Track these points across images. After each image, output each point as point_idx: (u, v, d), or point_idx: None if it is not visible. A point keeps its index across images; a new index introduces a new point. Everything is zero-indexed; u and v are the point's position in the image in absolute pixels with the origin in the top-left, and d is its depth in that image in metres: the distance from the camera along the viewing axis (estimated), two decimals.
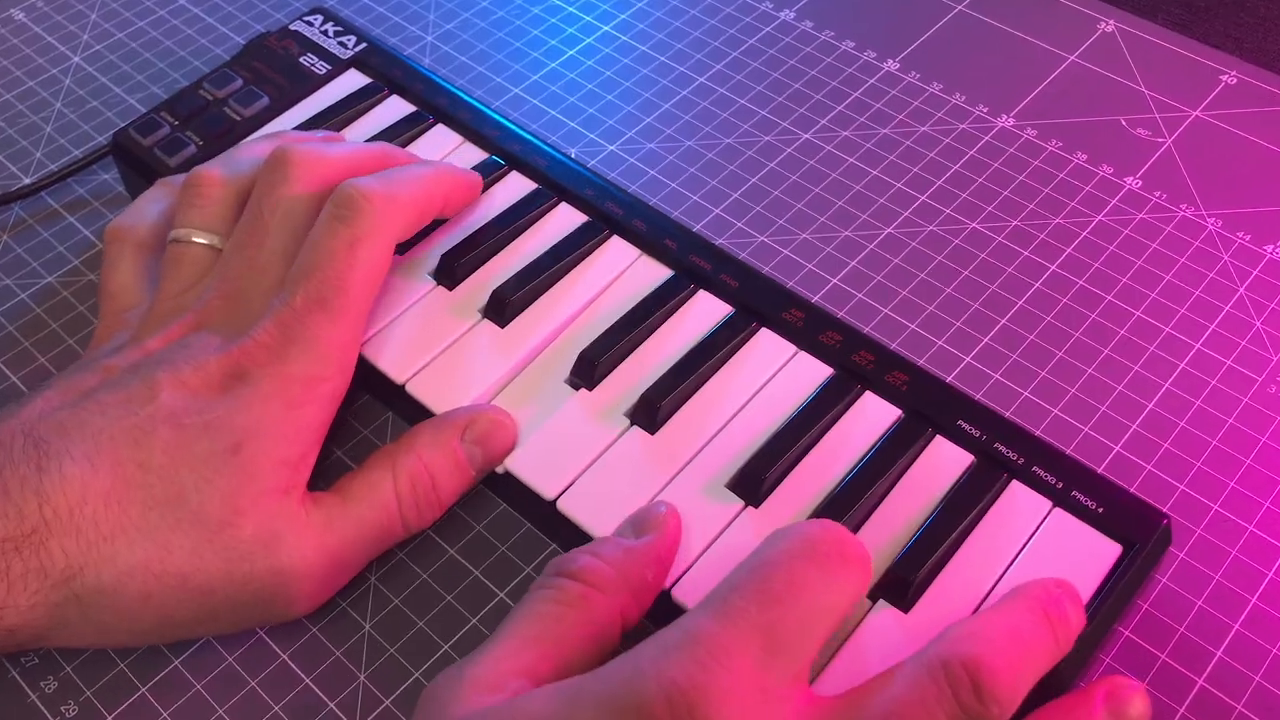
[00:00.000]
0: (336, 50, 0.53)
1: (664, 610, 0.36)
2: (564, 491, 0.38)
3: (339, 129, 0.50)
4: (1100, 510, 0.36)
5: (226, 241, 0.42)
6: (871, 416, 0.39)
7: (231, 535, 0.35)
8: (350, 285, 0.38)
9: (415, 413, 0.42)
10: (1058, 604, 0.33)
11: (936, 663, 0.30)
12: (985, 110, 0.53)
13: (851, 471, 0.38)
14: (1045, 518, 0.37)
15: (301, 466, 0.37)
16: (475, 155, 0.48)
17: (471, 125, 0.49)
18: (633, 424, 0.40)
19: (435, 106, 0.50)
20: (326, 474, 0.41)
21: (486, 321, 0.43)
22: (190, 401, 0.36)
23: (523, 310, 0.43)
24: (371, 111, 0.50)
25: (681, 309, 0.43)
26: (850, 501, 0.37)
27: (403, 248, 0.45)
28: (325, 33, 0.54)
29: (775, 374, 0.41)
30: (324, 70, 0.52)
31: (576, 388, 0.41)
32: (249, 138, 0.48)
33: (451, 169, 0.44)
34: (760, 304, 0.42)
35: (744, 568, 0.31)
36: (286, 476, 0.36)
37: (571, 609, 0.33)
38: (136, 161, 0.50)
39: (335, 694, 0.37)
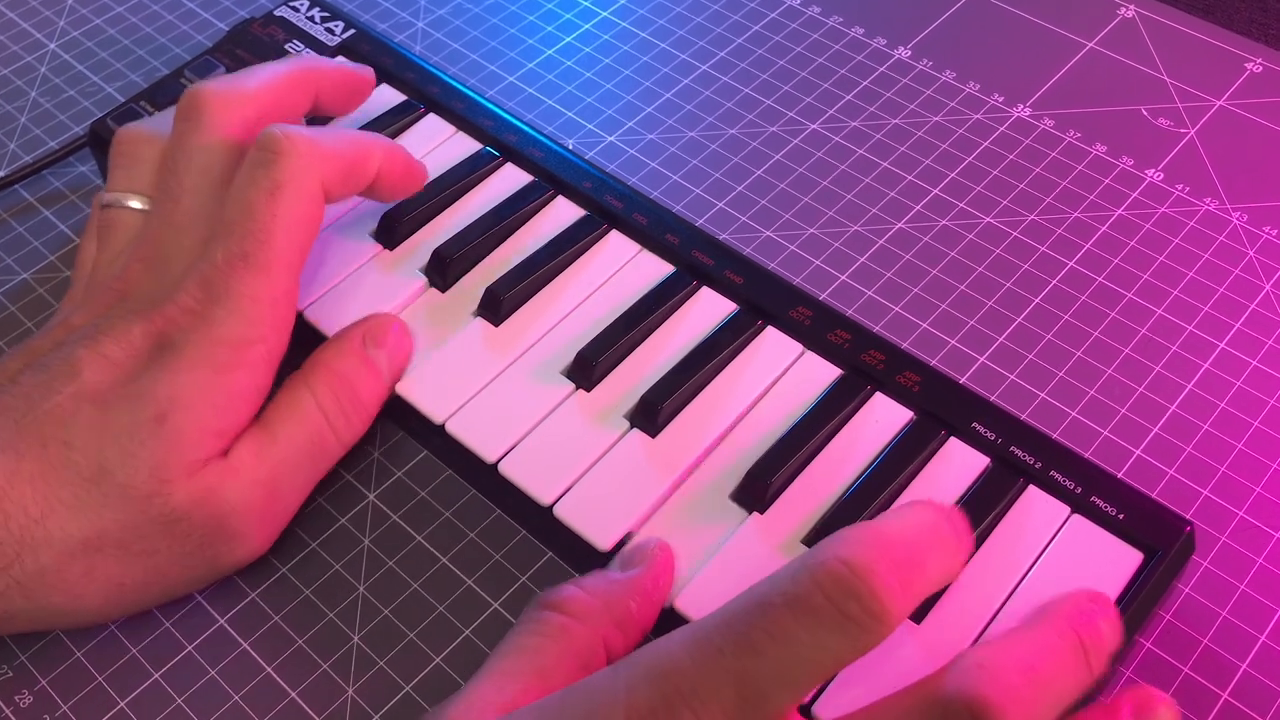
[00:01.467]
0: (323, 37, 0.53)
1: (667, 621, 0.36)
2: (560, 497, 0.39)
3: (326, 119, 0.50)
4: (1120, 517, 0.36)
5: None
6: (882, 418, 0.39)
7: (162, 503, 0.35)
8: (274, 236, 0.37)
9: (406, 418, 0.42)
10: (1090, 623, 0.31)
11: (936, 701, 0.29)
12: (1000, 100, 0.53)
13: (861, 476, 0.38)
14: (1063, 524, 0.37)
15: (230, 436, 0.37)
16: (469, 146, 0.48)
17: (465, 115, 0.49)
18: (632, 426, 0.40)
19: (427, 95, 0.50)
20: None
21: (480, 320, 0.43)
22: (114, 375, 0.36)
23: (518, 308, 0.43)
24: None
25: (684, 307, 0.43)
26: (859, 507, 0.37)
27: (392, 242, 0.45)
28: (311, 18, 0.54)
29: (781, 374, 0.41)
30: None
31: (574, 389, 0.41)
32: None
33: (393, 144, 0.43)
34: (766, 301, 0.42)
35: (741, 598, 0.30)
36: (214, 445, 0.36)
37: (554, 641, 0.33)
38: None
39: (322, 708, 0.37)
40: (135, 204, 0.41)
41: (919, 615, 0.35)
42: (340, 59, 0.45)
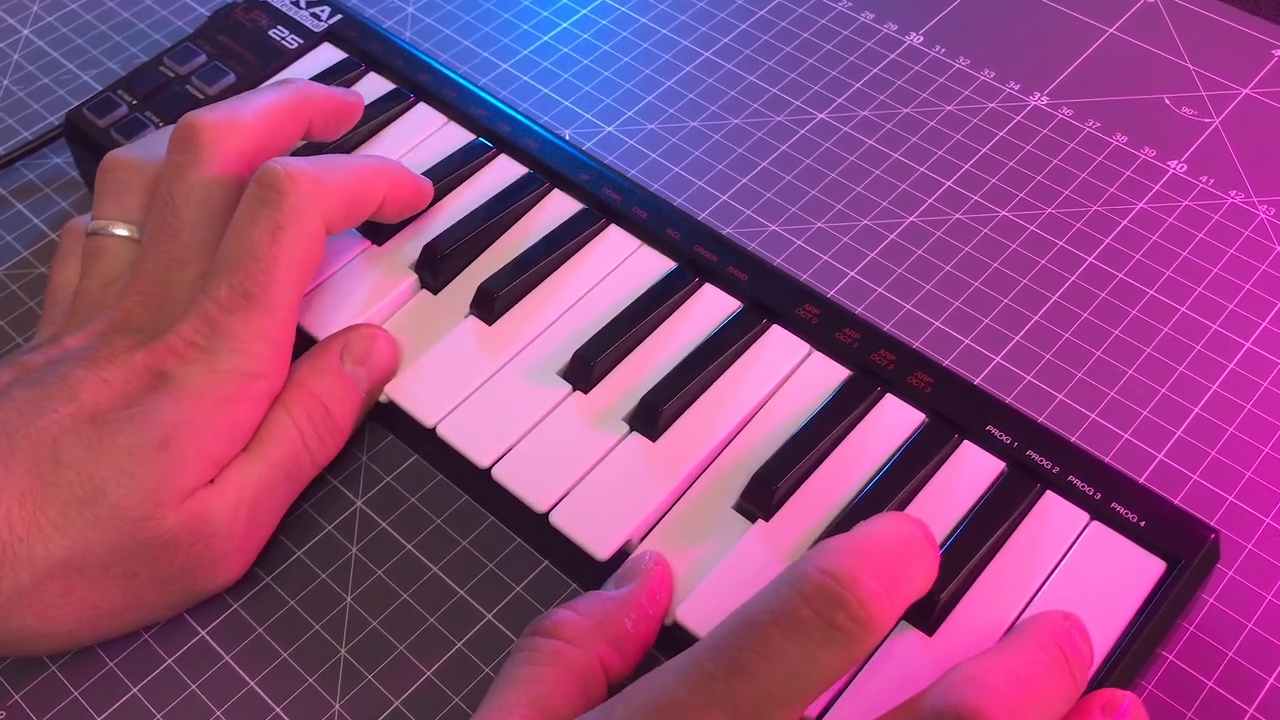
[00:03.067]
0: (309, 22, 0.53)
1: (667, 634, 0.36)
2: (557, 504, 0.39)
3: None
4: (1142, 524, 0.36)
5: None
6: (892, 421, 0.39)
7: (153, 527, 0.36)
8: (276, 277, 0.38)
9: (395, 421, 0.42)
10: (1071, 639, 0.33)
11: (929, 713, 0.30)
12: (1017, 88, 0.53)
13: (871, 481, 0.38)
14: (1082, 532, 0.37)
15: (224, 465, 0.38)
16: (461, 136, 0.48)
17: (456, 104, 0.49)
18: (632, 430, 0.40)
19: (417, 84, 0.50)
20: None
21: (473, 319, 0.43)
22: (113, 399, 0.37)
23: (512, 306, 0.43)
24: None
25: (685, 305, 0.43)
26: (868, 514, 0.36)
27: (381, 237, 0.45)
28: (296, 3, 0.54)
29: (788, 375, 0.41)
30: (295, 44, 0.52)
31: (571, 390, 0.41)
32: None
33: (398, 168, 0.44)
34: (771, 299, 0.42)
35: (729, 619, 0.31)
36: (209, 473, 0.37)
37: (549, 668, 0.34)
38: (91, 144, 0.50)
39: None
40: (123, 232, 0.42)
41: (931, 628, 0.35)
42: (335, 88, 0.46)
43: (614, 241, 0.45)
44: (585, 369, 0.41)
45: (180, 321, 0.38)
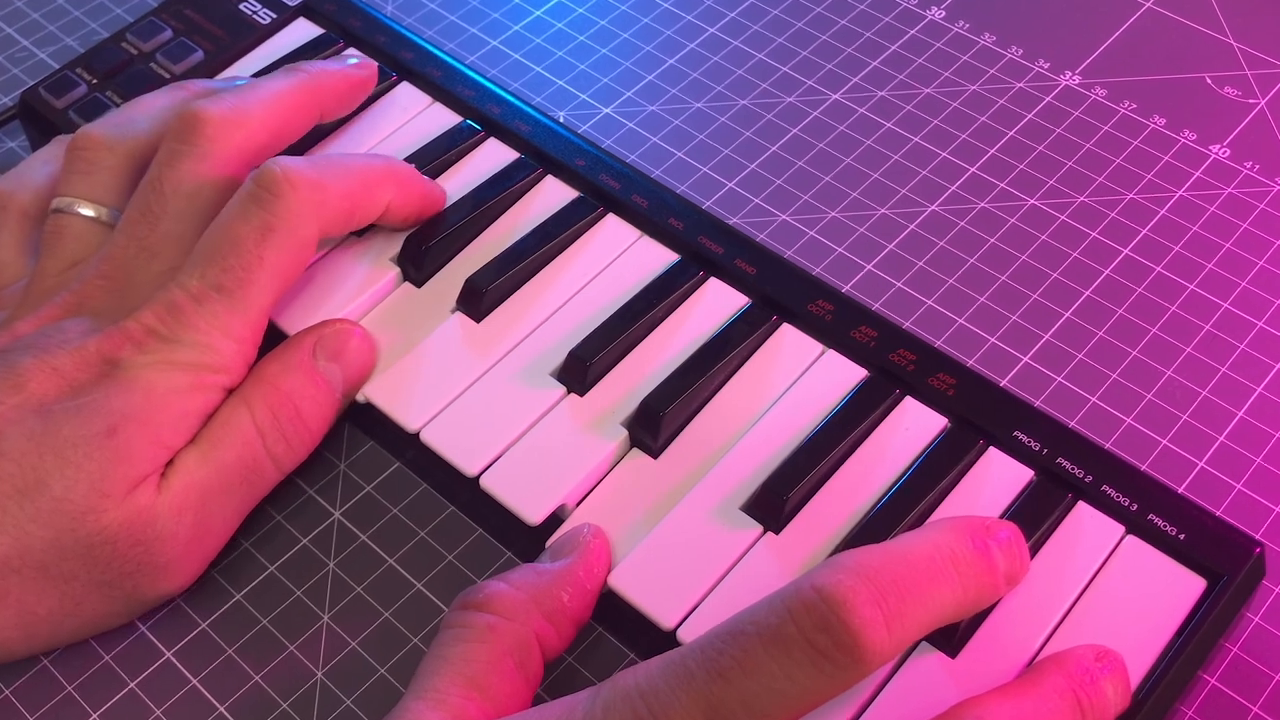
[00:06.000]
0: None
1: (656, 641, 0.36)
2: (550, 515, 0.39)
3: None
4: (1181, 537, 0.36)
5: (115, 214, 0.42)
6: (912, 426, 0.39)
7: (94, 521, 0.36)
8: (256, 277, 0.39)
9: (376, 426, 0.42)
10: (1093, 685, 0.33)
11: None
12: (1046, 66, 0.53)
13: (889, 491, 0.38)
14: (1117, 545, 0.37)
15: (173, 452, 0.38)
16: (447, 119, 0.48)
17: (442, 84, 0.49)
18: (631, 435, 0.40)
19: (399, 62, 0.50)
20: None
21: (459, 315, 0.43)
22: (61, 389, 0.37)
23: (502, 302, 0.43)
24: None
25: (689, 300, 0.43)
26: (887, 526, 0.37)
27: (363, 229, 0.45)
28: None
29: (800, 377, 0.41)
30: (268, 19, 0.52)
31: (565, 392, 0.41)
32: (149, 93, 0.47)
33: (408, 171, 0.44)
34: (781, 294, 0.42)
35: (722, 624, 0.32)
36: (158, 460, 0.37)
37: (481, 644, 0.34)
38: (48, 126, 0.50)
39: None
40: (89, 212, 0.42)
41: (954, 648, 0.35)
42: (348, 60, 0.47)
43: (612, 232, 0.45)
44: (581, 370, 0.41)
45: (143, 308, 0.38)
